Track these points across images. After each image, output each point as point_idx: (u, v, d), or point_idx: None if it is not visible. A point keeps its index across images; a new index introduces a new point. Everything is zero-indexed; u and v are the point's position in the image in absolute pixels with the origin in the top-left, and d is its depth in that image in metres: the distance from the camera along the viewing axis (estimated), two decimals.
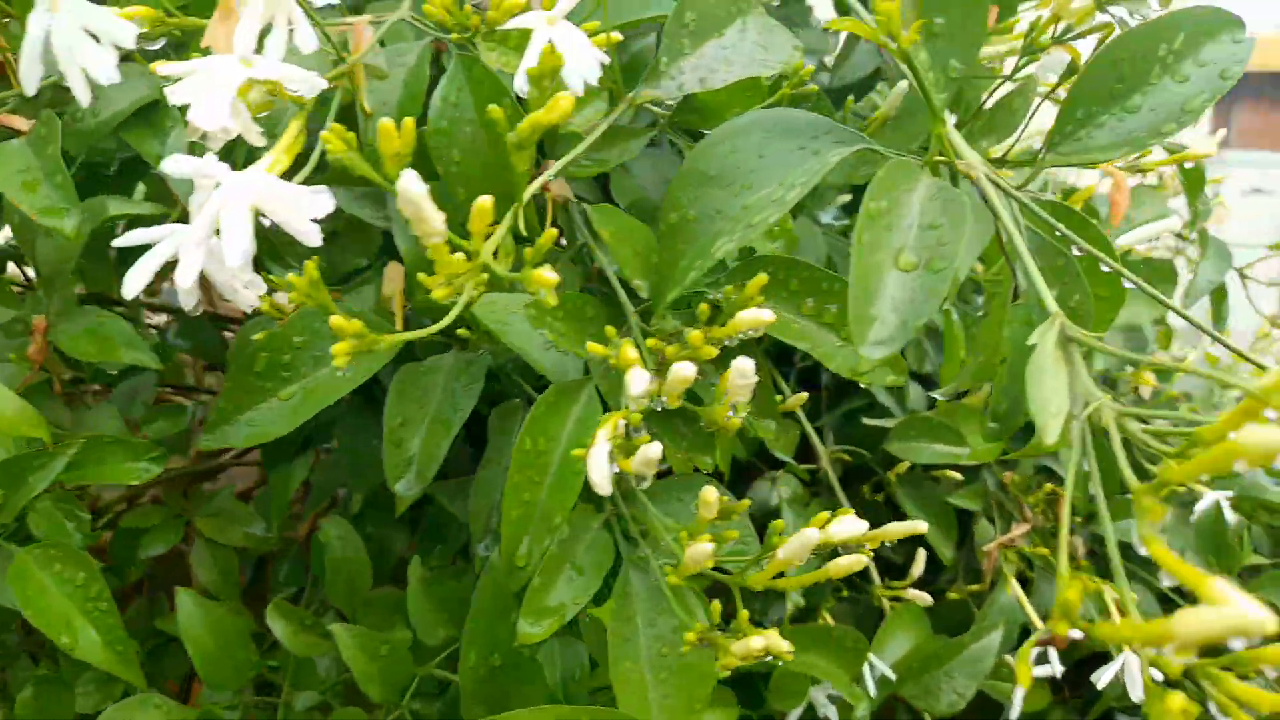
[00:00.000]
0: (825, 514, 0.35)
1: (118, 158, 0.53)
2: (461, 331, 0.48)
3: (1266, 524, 0.84)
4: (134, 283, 0.35)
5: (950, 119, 0.37)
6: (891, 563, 0.73)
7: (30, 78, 0.35)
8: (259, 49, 0.36)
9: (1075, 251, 0.38)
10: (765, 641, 0.32)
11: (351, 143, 0.29)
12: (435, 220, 0.27)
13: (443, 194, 0.36)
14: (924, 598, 0.67)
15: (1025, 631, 0.71)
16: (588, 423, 0.41)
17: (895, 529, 0.38)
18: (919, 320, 0.31)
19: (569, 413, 0.41)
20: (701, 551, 0.32)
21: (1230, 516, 0.78)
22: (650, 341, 0.36)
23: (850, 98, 0.56)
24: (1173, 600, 0.76)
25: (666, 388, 0.32)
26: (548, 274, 0.28)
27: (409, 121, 0.32)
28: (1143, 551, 0.75)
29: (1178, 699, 0.24)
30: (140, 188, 0.57)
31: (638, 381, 0.31)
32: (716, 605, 0.35)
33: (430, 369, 0.49)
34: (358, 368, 0.47)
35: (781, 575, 0.34)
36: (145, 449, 0.52)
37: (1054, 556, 0.73)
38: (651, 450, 0.31)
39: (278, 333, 0.47)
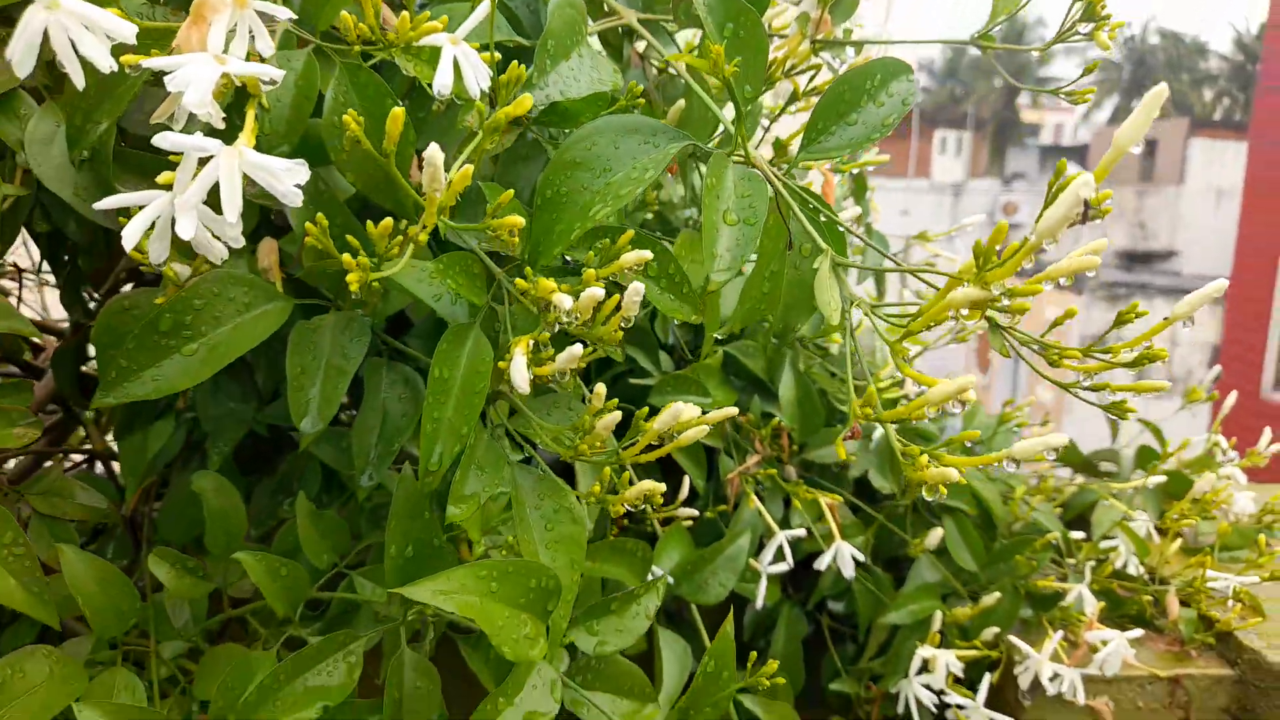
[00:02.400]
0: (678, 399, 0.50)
1: None
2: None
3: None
4: (131, 238, 0.42)
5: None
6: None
7: (25, 64, 0.40)
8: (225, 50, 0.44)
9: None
10: (648, 485, 0.46)
11: (363, 125, 0.39)
12: (442, 177, 0.38)
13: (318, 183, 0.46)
14: (691, 512, 0.83)
15: (762, 542, 0.90)
16: (479, 354, 0.52)
17: (717, 415, 0.53)
18: (744, 257, 0.47)
19: (464, 348, 0.52)
20: (611, 419, 0.45)
21: None
22: (553, 283, 0.48)
23: None
24: (861, 508, 0.99)
25: (579, 306, 0.44)
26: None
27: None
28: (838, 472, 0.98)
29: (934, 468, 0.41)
30: None
31: (567, 301, 0.43)
32: (608, 471, 0.48)
33: (317, 326, 0.58)
34: (258, 327, 0.55)
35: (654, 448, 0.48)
36: (20, 415, 0.56)
37: (780, 478, 0.93)
38: (575, 349, 0.44)
39: (181, 296, 0.54)
